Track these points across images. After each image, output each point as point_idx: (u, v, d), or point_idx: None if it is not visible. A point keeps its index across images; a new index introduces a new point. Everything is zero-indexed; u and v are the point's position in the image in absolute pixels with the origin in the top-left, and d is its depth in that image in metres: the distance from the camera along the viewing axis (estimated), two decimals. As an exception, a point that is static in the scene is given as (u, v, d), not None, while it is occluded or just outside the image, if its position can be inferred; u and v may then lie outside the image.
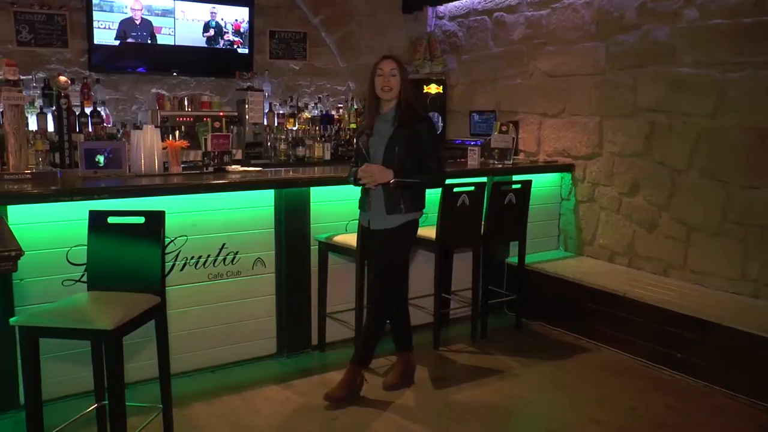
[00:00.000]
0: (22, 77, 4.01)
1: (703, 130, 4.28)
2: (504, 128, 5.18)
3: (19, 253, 1.85)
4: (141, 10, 5.56)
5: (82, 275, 3.37)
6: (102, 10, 5.42)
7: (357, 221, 3.72)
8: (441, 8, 6.55)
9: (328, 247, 4.10)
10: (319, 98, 6.52)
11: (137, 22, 5.57)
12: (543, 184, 5.17)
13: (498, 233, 4.52)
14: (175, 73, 5.90)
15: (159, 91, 5.88)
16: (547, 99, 5.41)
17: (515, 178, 4.72)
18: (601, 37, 4.91)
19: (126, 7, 5.49)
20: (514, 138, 5.15)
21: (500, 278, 4.99)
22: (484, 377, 3.89)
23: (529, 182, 4.58)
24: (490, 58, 5.97)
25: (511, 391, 3.72)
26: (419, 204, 3.54)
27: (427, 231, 4.22)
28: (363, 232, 3.70)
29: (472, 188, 4.21)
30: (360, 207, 3.64)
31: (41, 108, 5.10)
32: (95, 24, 5.40)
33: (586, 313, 4.48)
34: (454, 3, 6.32)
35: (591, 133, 5.05)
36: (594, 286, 4.42)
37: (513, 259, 4.85)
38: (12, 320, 2.59)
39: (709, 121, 4.24)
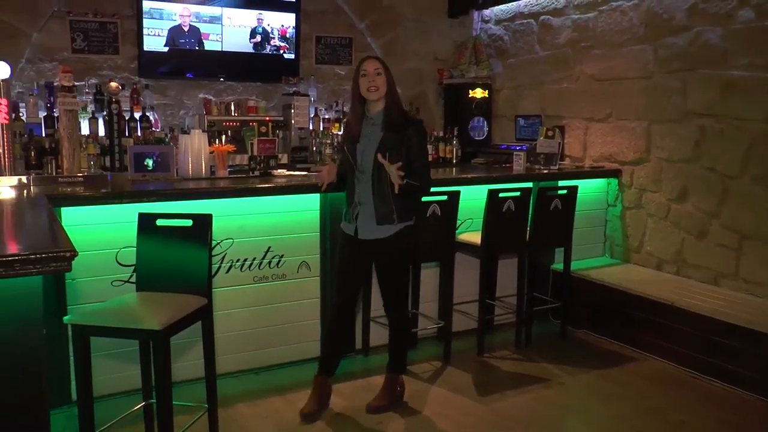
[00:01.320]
0: (75, 83, 4.11)
1: (756, 135, 4.15)
2: (550, 133, 5.11)
3: (74, 253, 1.88)
4: (189, 17, 5.67)
5: (131, 276, 3.45)
6: (152, 18, 5.54)
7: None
8: (487, 12, 6.52)
9: (372, 252, 4.10)
10: (365, 102, 6.53)
11: (185, 29, 5.68)
12: (589, 189, 5.09)
13: (543, 239, 4.47)
14: (222, 79, 6.00)
15: (206, 96, 5.98)
16: (594, 103, 5.33)
17: (561, 183, 4.67)
18: (649, 40, 4.81)
19: (175, 15, 5.61)
20: (559, 143, 5.09)
21: (545, 285, 4.92)
22: (528, 385, 3.85)
23: (575, 188, 4.52)
24: (535, 62, 5.91)
25: (555, 399, 3.67)
26: (411, 212, 3.36)
27: (472, 236, 4.20)
28: (348, 243, 3.42)
29: (517, 193, 4.17)
30: (345, 217, 3.43)
31: (93, 113, 5.23)
32: (145, 31, 5.53)
33: (633, 322, 4.38)
34: (500, 6, 6.28)
35: (638, 138, 4.96)
36: (641, 294, 4.33)
37: (558, 265, 4.78)
38: (65, 319, 2.66)
39: (763, 125, 4.11)
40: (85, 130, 5.08)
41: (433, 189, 3.91)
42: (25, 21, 5.32)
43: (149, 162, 3.92)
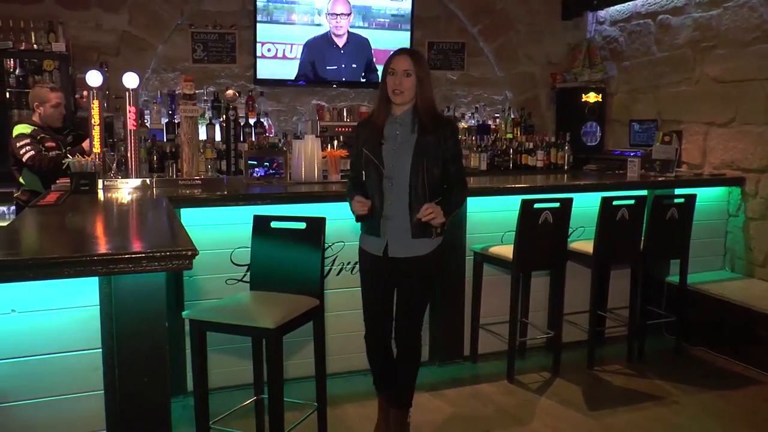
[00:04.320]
0: (195, 91, 4.33)
1: None
2: (666, 138, 4.91)
3: (195, 252, 1.98)
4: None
5: (244, 275, 3.58)
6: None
7: (513, 232, 3.61)
8: (601, 13, 6.33)
9: (483, 258, 4.07)
10: (476, 108, 6.50)
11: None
12: (708, 198, 4.83)
13: (658, 250, 4.27)
14: (334, 85, 6.14)
15: (319, 102, 6.14)
16: (715, 107, 5.04)
17: (678, 191, 4.46)
18: (781, 39, 4.51)
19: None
20: (677, 149, 4.89)
21: (659, 298, 4.69)
22: (641, 402, 3.67)
23: (694, 196, 4.29)
24: (652, 64, 5.68)
25: (670, 419, 3.48)
26: (447, 224, 2.94)
27: (584, 245, 4.08)
28: (374, 265, 2.96)
29: (631, 201, 4.01)
30: (367, 231, 2.96)
31: (210, 119, 5.49)
32: (259, 39, 5.77)
33: (758, 341, 4.09)
34: (615, 7, 6.08)
35: (766, 143, 4.64)
36: (767, 311, 4.04)
37: (674, 278, 4.55)
38: (184, 314, 2.80)
39: None
40: (203, 135, 5.34)
41: (545, 196, 3.84)
42: (152, 34, 5.67)
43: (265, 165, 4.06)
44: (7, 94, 5.26)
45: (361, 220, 2.95)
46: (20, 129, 4.29)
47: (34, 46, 5.23)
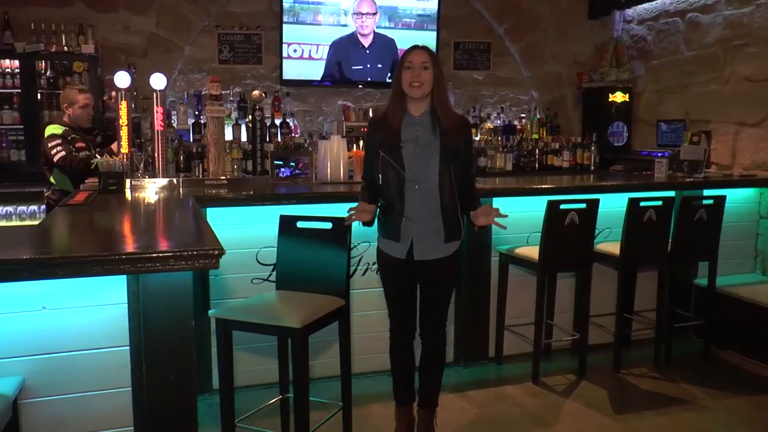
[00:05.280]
0: (221, 92, 4.37)
1: None
2: (695, 138, 4.84)
3: (221, 252, 1.99)
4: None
5: (270, 275, 3.59)
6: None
7: (538, 233, 3.58)
8: (629, 11, 6.26)
9: (509, 259, 4.05)
10: (502, 108, 6.49)
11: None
12: (738, 199, 4.74)
13: (686, 252, 4.20)
14: (360, 86, 6.15)
15: (344, 102, 6.16)
16: (746, 106, 4.96)
17: (706, 192, 4.38)
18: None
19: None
20: (705, 149, 4.81)
21: (687, 301, 4.62)
22: (668, 406, 3.62)
23: (723, 198, 4.22)
24: (680, 63, 5.60)
25: (698, 424, 3.42)
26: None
27: (611, 246, 4.03)
28: (398, 267, 2.91)
29: (659, 203, 3.96)
30: (387, 236, 2.91)
31: (236, 120, 5.53)
32: (285, 40, 5.80)
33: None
34: (643, 5, 6.02)
35: (799, 144, 4.56)
36: (801, 315, 3.97)
37: (702, 280, 4.48)
38: (210, 312, 2.82)
39: None
40: (229, 135, 5.39)
41: (571, 196, 3.82)
42: (179, 36, 5.74)
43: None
44: (39, 96, 5.37)
45: (367, 225, 2.90)
46: (52, 129, 4.36)
47: (65, 48, 5.33)
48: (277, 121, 5.61)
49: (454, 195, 2.83)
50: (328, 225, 2.95)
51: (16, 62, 5.29)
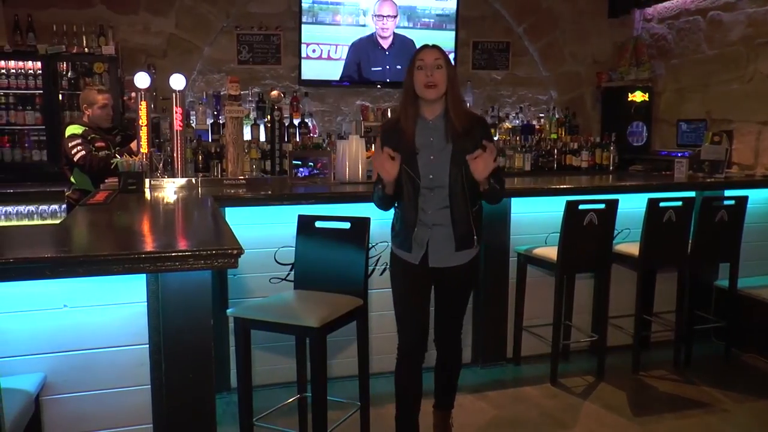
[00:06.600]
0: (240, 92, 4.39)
1: None
2: (716, 138, 4.79)
3: (240, 251, 2.00)
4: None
5: (288, 274, 3.61)
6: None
7: (557, 234, 3.56)
8: (649, 10, 6.22)
9: (527, 260, 4.03)
10: (520, 108, 6.46)
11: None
12: (761, 200, 4.67)
13: (707, 253, 4.16)
14: (379, 86, 6.15)
15: (363, 102, 6.17)
16: (769, 105, 4.90)
17: (728, 193, 4.33)
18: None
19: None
20: (727, 149, 4.75)
21: (707, 302, 4.56)
22: (688, 409, 3.58)
23: (745, 198, 4.16)
24: (701, 62, 5.55)
25: (719, 427, 3.38)
26: (483, 231, 2.86)
27: (630, 247, 4.00)
28: (411, 273, 2.81)
29: (679, 203, 3.92)
30: (401, 245, 2.81)
31: (255, 120, 5.56)
32: (304, 40, 5.81)
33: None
34: (664, 4, 5.97)
35: (823, 144, 4.50)
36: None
37: (723, 282, 4.42)
38: (228, 311, 2.83)
39: None
40: (247, 135, 5.42)
41: (590, 197, 3.79)
42: (198, 37, 5.78)
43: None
44: (60, 96, 5.43)
45: (388, 192, 2.74)
46: (72, 129, 4.40)
47: (85, 49, 5.39)
48: (296, 121, 5.63)
49: (465, 201, 2.72)
50: (347, 225, 2.95)
51: (39, 64, 5.36)
